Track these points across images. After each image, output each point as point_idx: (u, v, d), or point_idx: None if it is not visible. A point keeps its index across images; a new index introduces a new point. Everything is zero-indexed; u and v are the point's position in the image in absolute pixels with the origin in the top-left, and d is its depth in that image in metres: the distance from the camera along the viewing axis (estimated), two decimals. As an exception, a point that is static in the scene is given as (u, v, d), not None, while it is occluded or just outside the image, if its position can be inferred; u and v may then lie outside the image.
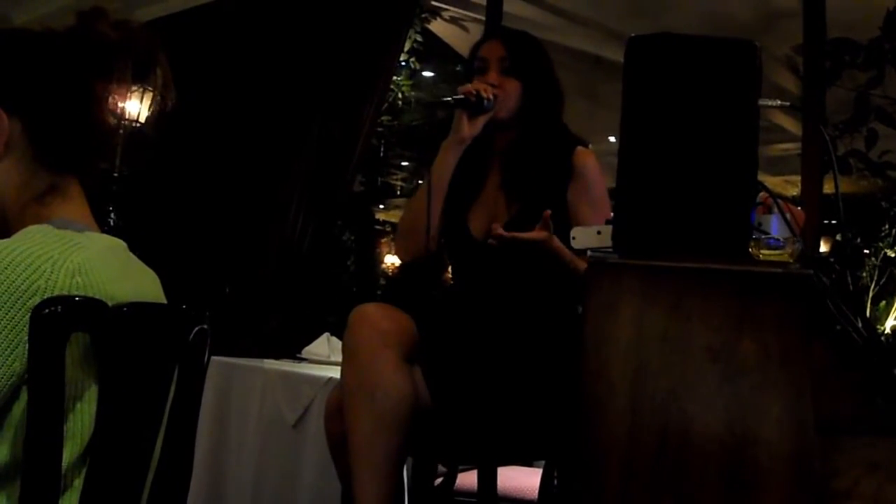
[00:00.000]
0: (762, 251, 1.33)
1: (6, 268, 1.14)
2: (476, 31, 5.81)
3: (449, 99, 2.17)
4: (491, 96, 2.17)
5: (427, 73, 7.86)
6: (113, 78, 1.34)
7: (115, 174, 5.28)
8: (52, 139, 1.32)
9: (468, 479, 2.56)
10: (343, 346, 2.04)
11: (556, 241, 1.99)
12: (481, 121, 2.19)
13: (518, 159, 2.24)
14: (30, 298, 1.13)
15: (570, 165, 2.19)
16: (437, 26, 6.07)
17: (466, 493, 2.57)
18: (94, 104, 1.33)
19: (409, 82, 6.95)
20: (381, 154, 8.88)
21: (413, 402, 1.96)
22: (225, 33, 5.78)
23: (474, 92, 2.15)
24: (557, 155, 2.21)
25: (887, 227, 4.87)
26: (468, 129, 2.19)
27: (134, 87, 1.39)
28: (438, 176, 2.21)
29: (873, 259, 4.79)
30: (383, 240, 10.78)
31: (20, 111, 1.30)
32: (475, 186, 2.29)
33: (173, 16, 5.72)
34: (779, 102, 1.44)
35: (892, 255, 4.83)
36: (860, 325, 1.26)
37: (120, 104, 1.37)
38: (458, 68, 7.35)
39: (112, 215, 5.54)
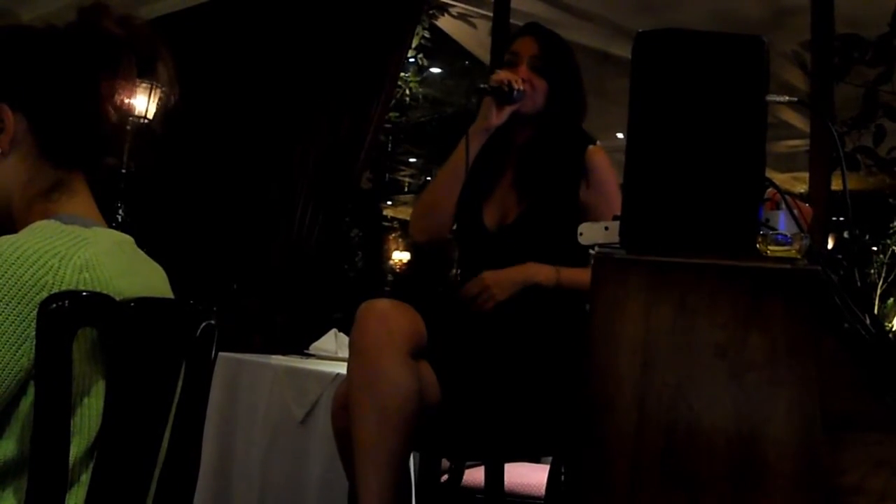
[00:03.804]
0: (770, 247, 1.33)
1: (13, 263, 1.14)
2: (484, 28, 5.80)
3: (484, 86, 2.19)
4: (521, 87, 2.19)
5: (435, 70, 7.87)
6: (118, 74, 1.35)
7: (124, 170, 5.28)
8: (58, 135, 1.32)
9: (475, 476, 2.56)
10: (350, 341, 2.04)
11: (540, 272, 2.12)
12: (508, 110, 2.21)
13: (533, 156, 2.26)
14: (37, 294, 1.13)
15: (582, 164, 2.21)
16: (444, 22, 6.06)
17: (473, 490, 2.57)
18: (100, 100, 1.33)
19: (417, 79, 6.95)
20: (389, 150, 8.89)
21: (419, 398, 1.95)
22: (233, 30, 5.78)
23: (506, 81, 2.17)
24: (571, 154, 2.23)
25: (895, 223, 4.86)
26: (496, 116, 2.21)
27: (141, 84, 1.39)
28: (460, 158, 2.22)
29: (881, 256, 4.78)
30: (391, 236, 10.80)
31: (26, 107, 1.30)
32: (492, 179, 2.31)
33: (180, 12, 5.73)
34: (787, 99, 1.44)
35: (900, 251, 4.82)
36: (868, 321, 1.26)
37: (127, 100, 1.37)
38: (466, 63, 7.36)
39: (120, 211, 5.55)
